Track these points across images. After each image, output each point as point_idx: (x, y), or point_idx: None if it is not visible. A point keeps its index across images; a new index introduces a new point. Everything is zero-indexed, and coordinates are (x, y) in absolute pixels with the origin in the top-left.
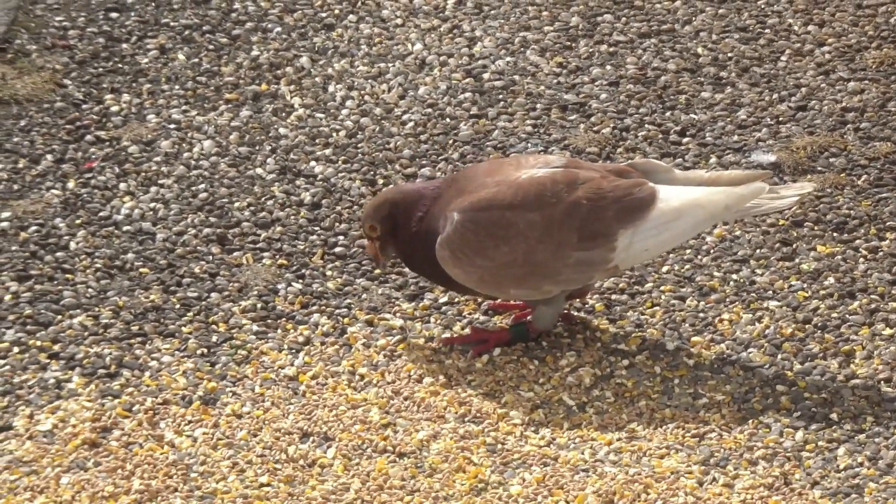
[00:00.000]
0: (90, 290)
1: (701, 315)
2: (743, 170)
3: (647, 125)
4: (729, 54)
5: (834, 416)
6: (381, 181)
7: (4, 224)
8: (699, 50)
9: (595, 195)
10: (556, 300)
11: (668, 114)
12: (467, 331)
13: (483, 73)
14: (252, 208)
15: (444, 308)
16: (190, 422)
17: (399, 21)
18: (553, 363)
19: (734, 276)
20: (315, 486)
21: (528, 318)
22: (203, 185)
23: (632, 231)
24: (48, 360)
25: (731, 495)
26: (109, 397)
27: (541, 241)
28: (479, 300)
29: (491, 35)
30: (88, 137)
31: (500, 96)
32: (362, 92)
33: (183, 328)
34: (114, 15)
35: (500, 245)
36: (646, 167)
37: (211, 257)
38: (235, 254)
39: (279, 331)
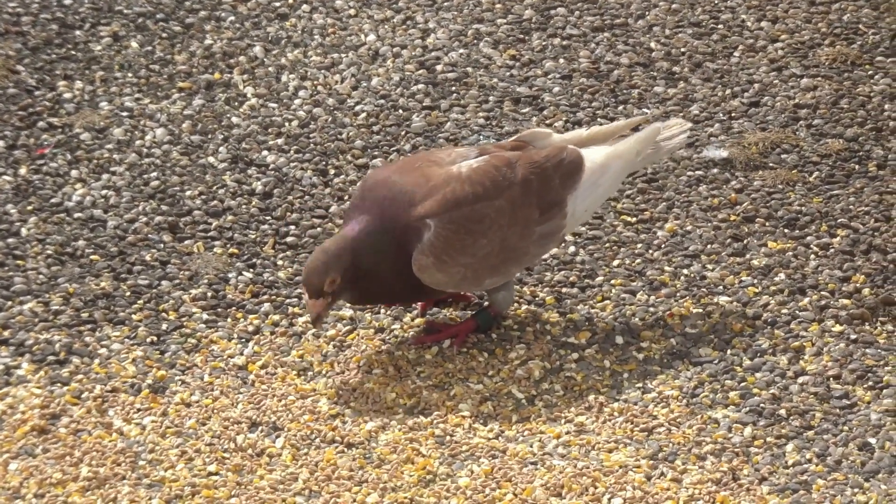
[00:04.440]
0: (41, 276)
1: (651, 309)
2: (619, 120)
3: (599, 119)
4: (682, 49)
5: (783, 412)
6: (332, 171)
7: None
8: (652, 44)
9: (538, 168)
10: (511, 281)
11: (620, 108)
12: (422, 324)
13: (436, 65)
14: (203, 197)
15: None
16: (139, 410)
17: (352, 12)
18: (502, 356)
19: (685, 271)
20: (263, 475)
21: (486, 304)
22: (155, 173)
23: (574, 195)
24: None
25: (678, 490)
26: (59, 384)
27: (511, 225)
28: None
29: (444, 27)
30: (41, 124)
31: (453, 88)
32: (315, 82)
33: (133, 316)
34: (67, 2)
35: (478, 239)
36: (531, 137)
37: (162, 245)
38: (186, 242)
39: (229, 320)
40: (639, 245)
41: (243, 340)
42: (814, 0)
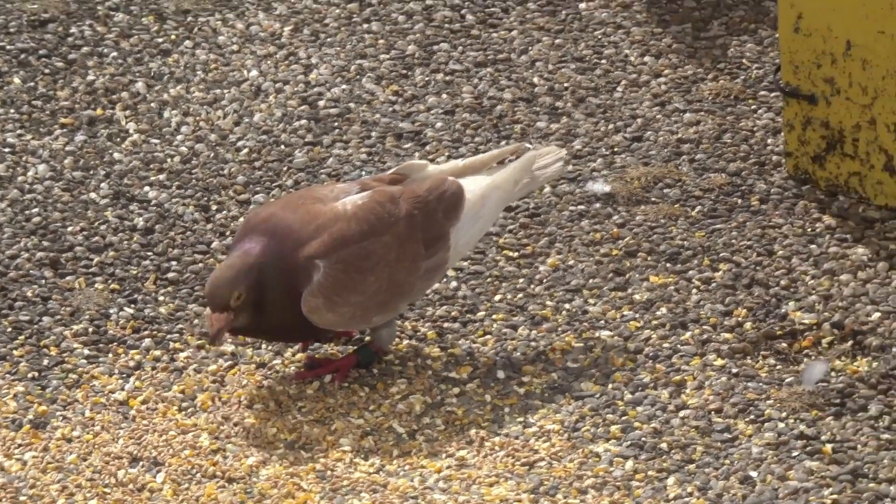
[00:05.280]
0: None
1: (532, 344)
2: (492, 150)
3: (481, 154)
4: (565, 84)
5: (664, 445)
6: (214, 207)
7: None
8: (535, 80)
9: (421, 202)
10: (393, 317)
11: (503, 143)
12: (303, 359)
13: (318, 101)
14: (85, 233)
15: None
16: (20, 445)
17: (235, 48)
18: (384, 390)
19: (566, 306)
20: None
21: (367, 339)
22: (37, 209)
23: (457, 227)
24: None
25: None
26: None
27: (398, 261)
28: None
29: (327, 62)
30: None
31: (336, 124)
32: (197, 118)
33: (14, 351)
34: None
35: (367, 277)
36: (408, 169)
37: (44, 281)
38: (68, 278)
39: (110, 355)
40: (521, 280)
41: (124, 376)
42: (698, 35)
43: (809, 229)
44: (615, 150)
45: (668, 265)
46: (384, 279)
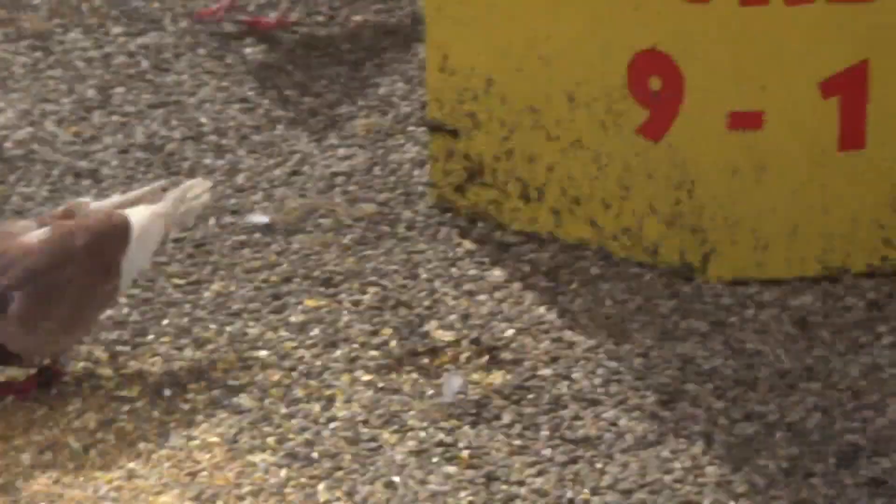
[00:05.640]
0: None
1: (196, 364)
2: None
3: (139, 189)
4: (230, 123)
5: (315, 454)
6: None
7: None
8: (203, 119)
9: (95, 235)
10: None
11: (172, 178)
12: None
13: (5, 143)
14: None
15: None
16: None
17: None
18: (61, 408)
19: (228, 328)
20: None
21: (46, 362)
22: None
23: (127, 256)
24: None
25: None
26: None
27: (82, 290)
28: None
29: (13, 107)
30: None
31: (20, 164)
32: None
33: None
34: None
35: (57, 305)
36: (75, 207)
37: None
38: None
39: None
40: (187, 305)
41: None
42: (353, 75)
43: (451, 254)
44: (275, 183)
45: (321, 289)
46: (70, 308)
